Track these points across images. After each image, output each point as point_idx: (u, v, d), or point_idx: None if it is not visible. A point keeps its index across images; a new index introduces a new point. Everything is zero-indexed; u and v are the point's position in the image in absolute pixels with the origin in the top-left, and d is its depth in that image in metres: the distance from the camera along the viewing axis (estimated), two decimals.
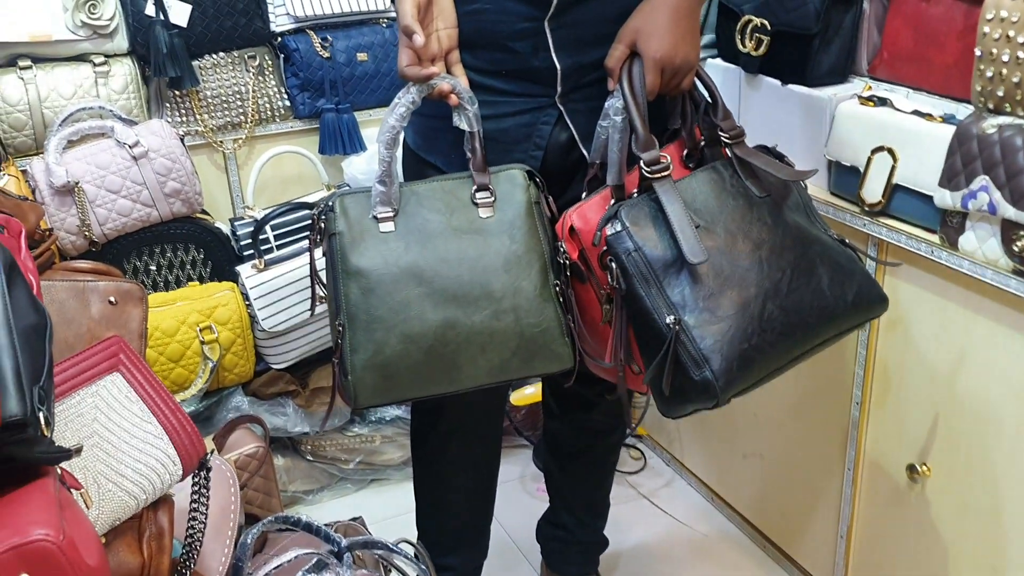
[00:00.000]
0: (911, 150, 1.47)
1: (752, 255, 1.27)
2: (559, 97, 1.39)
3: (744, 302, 1.25)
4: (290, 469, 2.23)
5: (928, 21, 1.52)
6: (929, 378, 1.55)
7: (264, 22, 2.13)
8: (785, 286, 1.28)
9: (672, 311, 1.23)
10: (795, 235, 1.32)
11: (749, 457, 2.04)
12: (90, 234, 1.93)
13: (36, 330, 1.01)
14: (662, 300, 1.24)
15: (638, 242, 1.25)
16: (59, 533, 0.83)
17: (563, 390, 1.74)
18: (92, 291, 1.53)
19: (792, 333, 1.29)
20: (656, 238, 1.25)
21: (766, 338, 1.26)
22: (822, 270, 1.31)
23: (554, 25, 1.34)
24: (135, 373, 1.26)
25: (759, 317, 1.26)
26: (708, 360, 1.22)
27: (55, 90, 2.00)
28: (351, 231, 1.31)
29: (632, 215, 1.27)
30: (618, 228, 1.26)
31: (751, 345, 1.25)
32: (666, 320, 1.23)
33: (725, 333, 1.23)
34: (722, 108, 1.36)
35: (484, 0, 1.34)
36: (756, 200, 1.32)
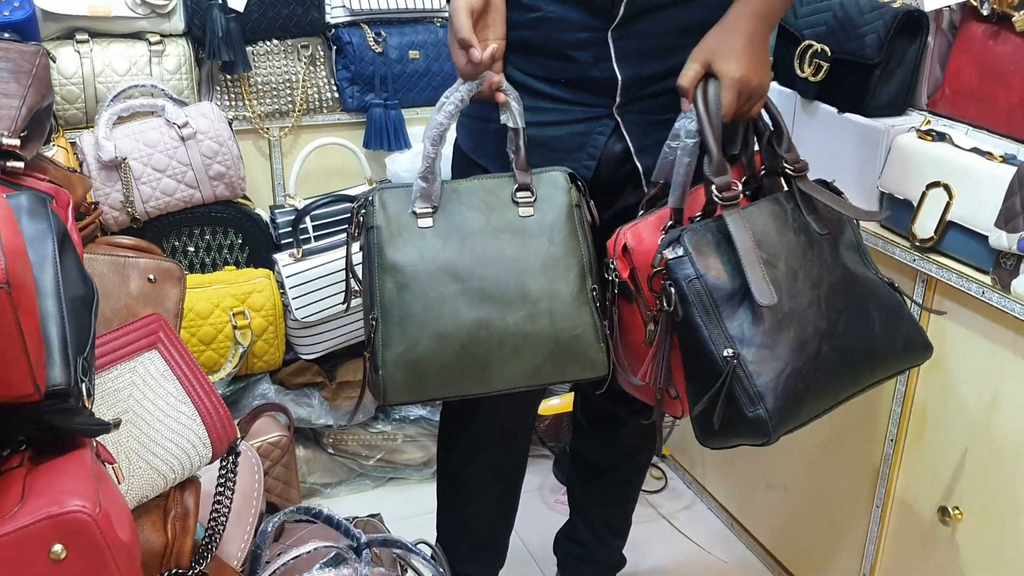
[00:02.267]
0: (968, 188, 1.44)
1: (811, 293, 1.25)
2: (617, 108, 1.38)
3: (801, 342, 1.23)
4: (310, 461, 2.22)
5: (995, 59, 1.50)
6: (968, 420, 1.52)
7: (320, 13, 2.13)
8: (840, 327, 1.26)
9: (730, 344, 1.20)
10: (850, 275, 1.30)
11: (773, 487, 2.02)
12: (133, 211, 1.94)
13: (83, 301, 1.01)
14: (720, 332, 1.21)
15: (700, 270, 1.22)
16: (96, 506, 0.83)
17: (594, 407, 1.72)
18: (132, 267, 1.53)
19: (843, 375, 1.27)
20: (719, 267, 1.23)
21: (819, 378, 1.24)
22: (874, 313, 1.29)
23: (617, 36, 1.33)
24: (173, 352, 1.26)
25: (814, 357, 1.23)
26: (763, 397, 1.19)
27: (109, 65, 2.01)
28: (389, 226, 1.31)
29: (696, 240, 1.24)
30: (680, 253, 1.24)
31: (805, 386, 1.22)
32: (724, 353, 1.20)
33: (781, 372, 1.20)
34: (787, 139, 1.34)
35: (548, 8, 1.33)
36: (816, 237, 1.30)
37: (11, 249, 0.83)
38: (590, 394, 1.72)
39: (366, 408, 2.21)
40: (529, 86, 1.37)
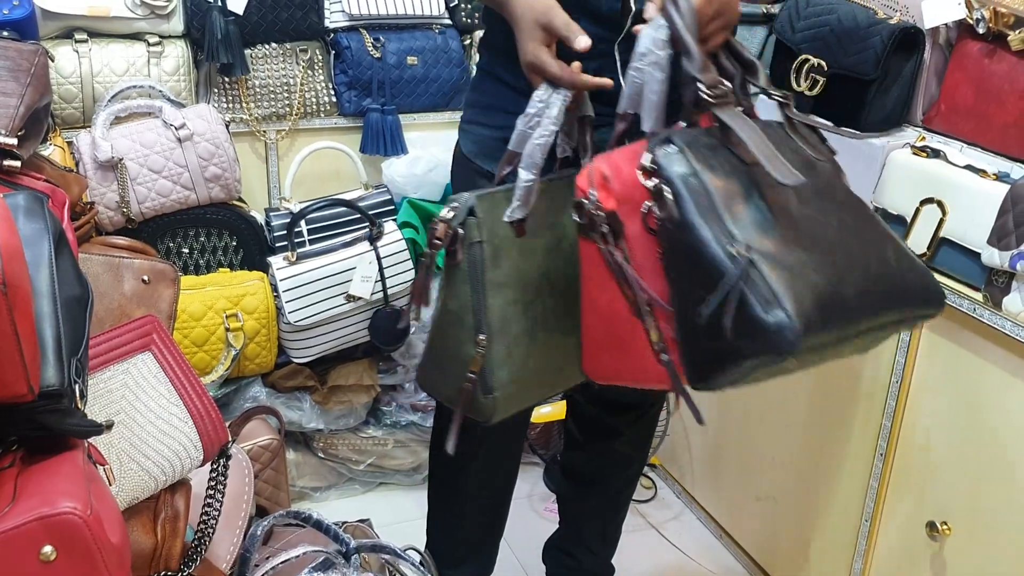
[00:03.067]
0: (961, 205, 1.45)
1: (822, 205, 1.09)
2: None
3: (815, 245, 1.06)
4: (300, 464, 2.22)
5: (990, 77, 1.51)
6: (959, 436, 1.53)
7: (319, 17, 2.14)
8: (857, 247, 1.09)
9: (738, 242, 1.01)
10: (858, 203, 1.16)
11: (762, 499, 2.02)
12: (128, 211, 1.94)
13: (79, 302, 1.01)
14: (722, 230, 1.03)
15: (695, 167, 1.06)
16: (87, 507, 0.83)
17: (587, 417, 1.72)
18: (127, 268, 1.53)
19: (864, 294, 1.08)
20: (716, 168, 1.07)
21: (843, 287, 1.05)
22: (889, 245, 1.14)
23: (623, 48, 1.33)
24: (166, 354, 1.26)
25: (832, 264, 1.05)
26: (779, 298, 0.98)
27: (108, 65, 2.01)
28: (492, 239, 1.21)
29: (688, 140, 1.08)
30: (671, 150, 1.07)
31: (830, 286, 1.03)
32: (730, 249, 1.01)
33: (802, 267, 1.01)
34: (762, 71, 1.23)
35: None
36: (814, 161, 1.16)
37: (8, 249, 0.83)
38: (583, 404, 1.73)
39: (355, 412, 2.21)
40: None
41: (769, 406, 1.95)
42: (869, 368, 1.68)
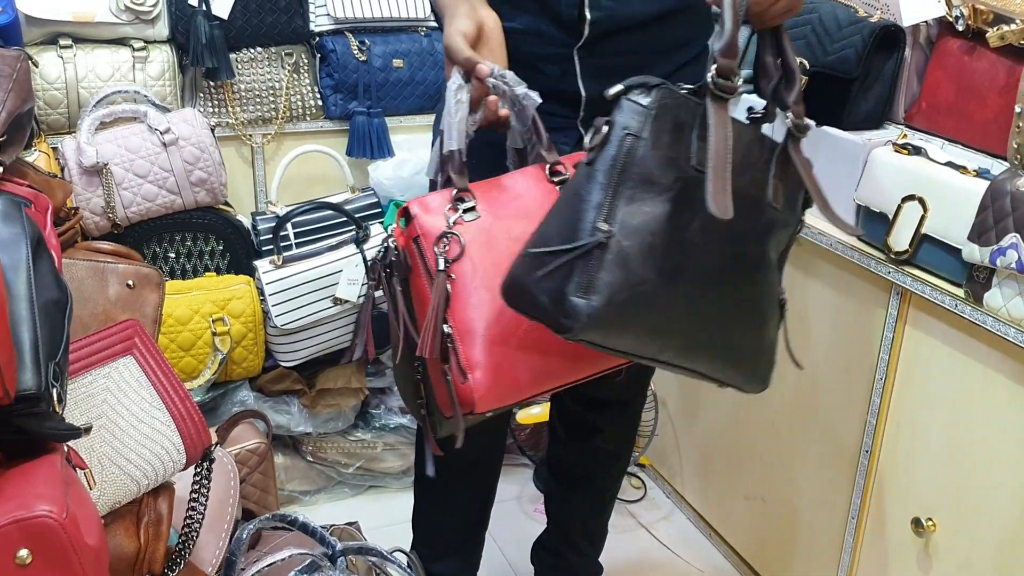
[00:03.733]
0: (943, 202, 1.46)
1: (723, 243, 1.11)
2: (581, 121, 1.39)
3: (675, 274, 1.08)
4: (289, 468, 2.22)
5: (970, 74, 1.51)
6: (942, 432, 1.53)
7: (304, 21, 2.14)
8: (715, 288, 1.13)
9: (612, 221, 1.04)
10: (763, 258, 1.19)
11: (751, 498, 2.03)
12: (114, 216, 1.94)
13: (57, 306, 1.01)
14: (610, 203, 1.05)
15: (644, 131, 1.06)
16: (63, 511, 0.82)
17: (570, 415, 1.73)
18: (111, 272, 1.53)
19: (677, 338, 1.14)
20: (664, 145, 1.06)
21: (657, 321, 1.10)
22: (749, 309, 1.19)
23: (583, 53, 1.34)
24: (148, 358, 1.26)
25: (669, 299, 1.09)
26: (596, 291, 1.03)
27: (93, 71, 2.01)
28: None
29: (667, 102, 1.07)
30: (641, 102, 1.07)
31: (640, 314, 1.08)
32: (597, 223, 1.04)
33: (637, 284, 1.05)
34: (797, 89, 1.20)
35: (519, 20, 1.35)
36: (766, 204, 1.16)
37: None
38: (565, 401, 1.73)
39: (344, 415, 2.21)
40: None
41: (756, 405, 1.95)
42: (854, 365, 1.68)
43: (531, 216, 1.20)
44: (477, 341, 1.20)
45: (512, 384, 1.22)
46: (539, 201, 1.23)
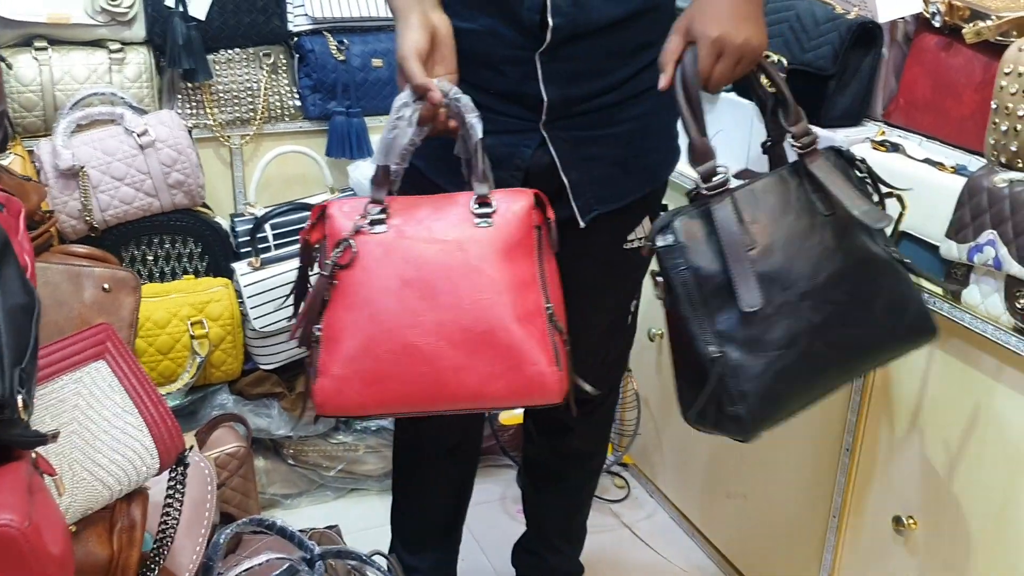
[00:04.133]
0: (921, 199, 1.46)
1: (808, 283, 1.21)
2: (543, 124, 1.37)
3: (792, 336, 1.20)
4: (270, 471, 2.21)
5: (947, 71, 1.51)
6: (922, 430, 1.53)
7: (282, 21, 2.13)
8: (837, 320, 1.22)
9: (716, 341, 1.19)
10: (856, 259, 1.25)
11: (733, 496, 2.02)
12: (91, 219, 1.92)
13: (24, 311, 1.00)
14: (708, 326, 1.20)
15: (690, 260, 1.20)
16: (24, 519, 0.81)
17: (542, 413, 1.72)
18: (87, 276, 1.52)
19: (834, 369, 1.25)
20: (711, 256, 1.20)
21: (807, 375, 1.22)
22: (879, 301, 1.25)
23: (545, 58, 1.32)
24: (121, 362, 1.24)
25: (804, 355, 1.21)
26: (745, 397, 1.19)
27: (69, 73, 1.99)
28: None
29: (687, 226, 1.20)
30: (670, 241, 1.20)
31: (789, 384, 1.21)
32: (710, 352, 1.19)
33: (766, 371, 1.19)
34: (793, 110, 1.28)
35: (480, 22, 1.33)
36: (820, 219, 1.24)
37: None
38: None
39: (326, 419, 2.20)
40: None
41: None
42: None
43: (436, 243, 1.25)
44: (338, 351, 1.26)
45: (355, 400, 1.27)
46: (451, 231, 1.26)
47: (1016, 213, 1.30)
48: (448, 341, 1.24)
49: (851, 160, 1.30)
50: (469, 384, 1.25)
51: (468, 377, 1.24)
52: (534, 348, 1.25)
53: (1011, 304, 1.32)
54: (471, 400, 1.27)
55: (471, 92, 1.32)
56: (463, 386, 1.25)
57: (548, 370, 1.25)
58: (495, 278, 1.25)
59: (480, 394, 1.26)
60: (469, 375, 1.24)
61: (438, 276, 1.24)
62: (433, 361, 1.24)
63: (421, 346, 1.24)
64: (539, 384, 1.26)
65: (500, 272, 1.25)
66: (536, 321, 1.25)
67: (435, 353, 1.24)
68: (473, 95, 1.32)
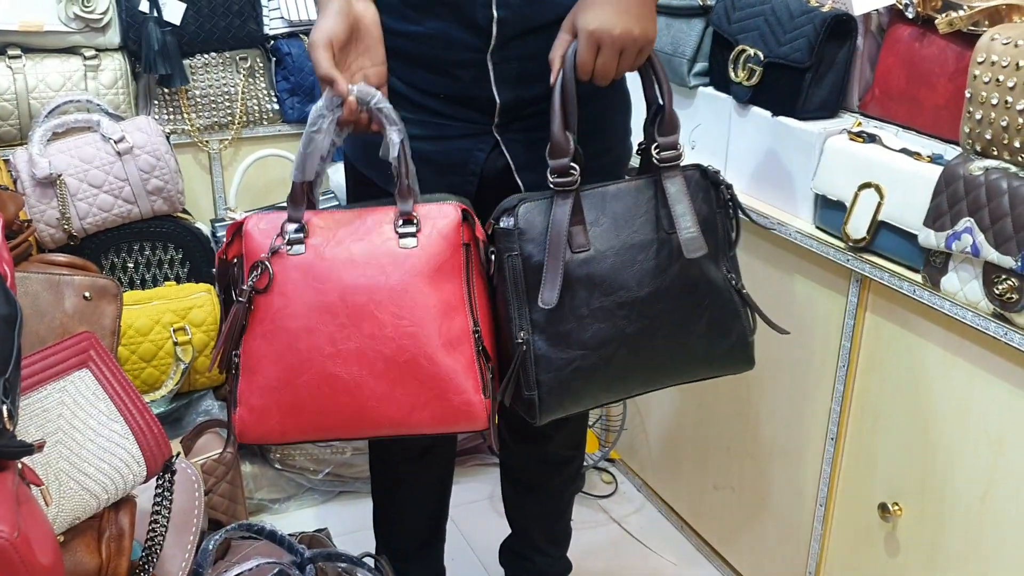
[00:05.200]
0: (898, 188, 1.47)
1: (629, 294, 1.26)
2: (496, 127, 1.37)
3: (600, 341, 1.26)
4: (257, 476, 2.20)
5: (921, 61, 1.53)
6: (905, 417, 1.55)
7: (258, 24, 2.12)
8: (650, 335, 1.28)
9: (527, 328, 1.25)
10: (685, 282, 1.29)
11: (720, 489, 2.03)
12: (69, 227, 1.91)
13: (5, 321, 0.99)
14: (523, 313, 1.25)
15: (524, 247, 1.24)
16: (13, 530, 0.81)
17: (518, 423, 1.71)
18: (67, 285, 1.51)
19: (636, 378, 1.32)
20: (542, 248, 1.24)
21: (606, 378, 1.28)
22: (698, 324, 1.31)
23: (497, 59, 1.32)
24: (104, 370, 1.24)
25: (607, 359, 1.27)
26: (540, 385, 1.25)
27: (43, 81, 1.98)
28: None
29: (529, 215, 1.24)
30: (509, 224, 1.24)
31: (586, 383, 1.27)
32: (517, 337, 1.24)
33: (566, 366, 1.25)
34: (668, 119, 1.29)
35: (430, 25, 1.31)
36: (661, 235, 1.29)
37: None
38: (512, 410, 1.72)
39: None
40: (411, 98, 1.34)
41: (722, 396, 1.96)
42: (816, 353, 1.69)
43: (358, 265, 1.20)
44: (255, 381, 1.22)
45: (275, 430, 1.24)
46: (373, 252, 1.21)
47: (992, 200, 1.31)
48: (370, 371, 1.20)
49: (716, 183, 1.33)
50: (392, 414, 1.22)
51: (391, 408, 1.21)
52: (459, 376, 1.22)
53: (989, 290, 1.34)
54: (394, 428, 1.24)
55: (424, 98, 1.31)
56: (386, 416, 1.22)
57: (475, 398, 1.22)
58: (420, 303, 1.20)
59: (404, 423, 1.23)
60: (392, 405, 1.21)
61: (359, 301, 1.19)
62: (354, 392, 1.21)
63: (342, 376, 1.20)
64: (465, 413, 1.23)
65: (425, 296, 1.21)
66: (462, 347, 1.22)
67: (356, 383, 1.20)
68: (423, 101, 1.30)
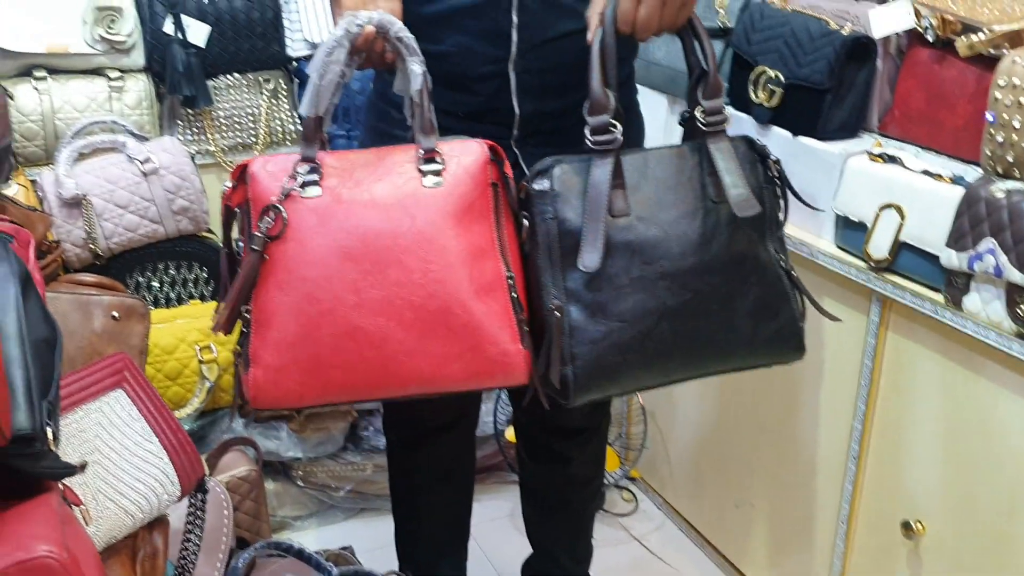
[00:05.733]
0: (919, 209, 1.48)
1: (672, 263, 1.18)
2: (515, 140, 1.38)
3: (639, 313, 1.17)
4: (280, 494, 2.21)
5: (941, 83, 1.54)
6: (928, 436, 1.55)
7: (281, 46, 2.14)
8: (692, 309, 1.19)
9: (560, 296, 1.16)
10: (732, 255, 1.22)
11: (741, 506, 2.04)
12: (95, 247, 1.93)
13: (47, 343, 1.01)
14: (557, 280, 1.16)
15: (560, 209, 1.16)
16: (63, 550, 0.83)
17: (538, 444, 1.72)
18: (96, 305, 1.53)
19: (678, 358, 1.22)
20: (580, 211, 1.17)
21: (645, 356, 1.19)
22: (744, 302, 1.22)
23: (519, 69, 1.33)
24: (138, 391, 1.26)
25: (646, 334, 1.17)
26: (575, 359, 1.15)
27: (69, 102, 2.01)
28: None
29: (566, 176, 1.17)
30: (544, 186, 1.17)
31: (624, 359, 1.17)
32: (550, 303, 1.15)
33: (603, 339, 1.16)
34: (712, 82, 1.24)
35: (450, 43, 1.32)
36: (708, 204, 1.21)
37: None
38: (531, 431, 1.72)
39: (333, 438, 2.21)
40: None
41: (743, 413, 1.97)
42: (838, 372, 1.70)
43: (379, 207, 1.11)
44: (271, 337, 1.12)
45: (294, 392, 1.13)
46: (395, 192, 1.13)
47: (1014, 221, 1.32)
48: (398, 321, 1.10)
49: (764, 155, 1.27)
50: (422, 368, 1.12)
51: (421, 361, 1.11)
52: (495, 325, 1.12)
53: (1012, 311, 1.35)
54: (424, 385, 1.14)
55: (442, 117, 1.24)
56: (415, 370, 1.12)
57: (512, 348, 1.14)
58: (448, 247, 1.11)
59: (434, 378, 1.13)
60: (422, 358, 1.11)
61: (383, 247, 1.10)
62: (380, 345, 1.10)
63: (367, 328, 1.10)
64: (502, 365, 1.14)
65: (454, 239, 1.12)
66: (496, 294, 1.13)
67: (383, 335, 1.10)
68: (441, 120, 1.25)
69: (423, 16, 1.31)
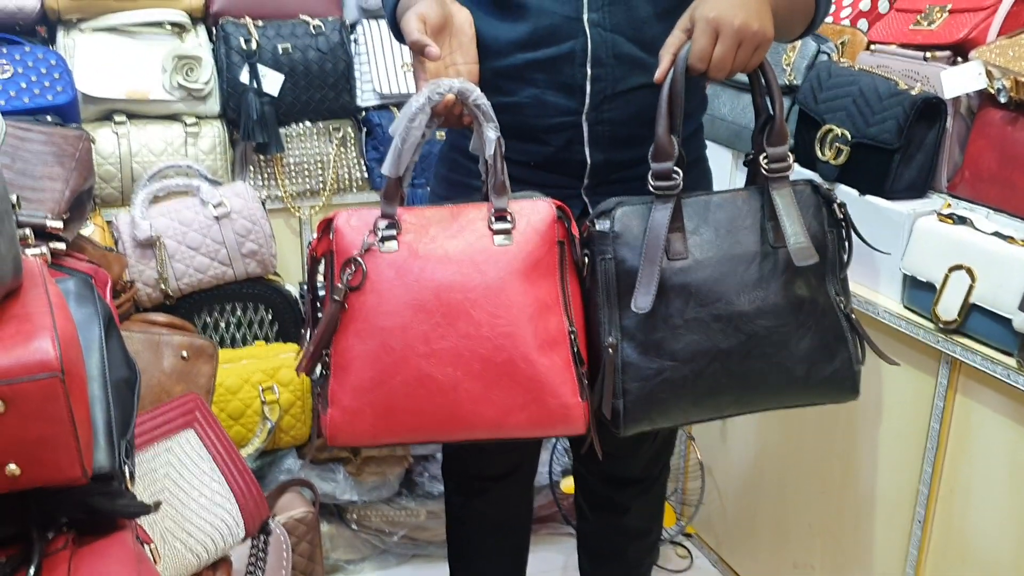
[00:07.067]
0: (991, 271, 1.46)
1: (728, 306, 1.21)
2: (585, 189, 1.39)
3: (692, 354, 1.20)
4: (334, 536, 2.22)
5: (1013, 144, 1.53)
6: (997, 501, 1.52)
7: (351, 96, 2.20)
8: (745, 351, 1.22)
9: (615, 334, 1.20)
10: (789, 300, 1.23)
11: (800, 567, 2.00)
12: (166, 287, 1.98)
13: (127, 383, 1.04)
14: (613, 318, 1.21)
15: (619, 251, 1.21)
16: None
17: (596, 494, 1.71)
18: (166, 345, 1.56)
19: (728, 397, 1.24)
20: (638, 252, 1.20)
21: (696, 394, 1.22)
22: (799, 345, 1.24)
23: (592, 120, 1.35)
24: (208, 431, 1.28)
25: (698, 373, 1.21)
26: (627, 394, 1.20)
27: (146, 146, 2.07)
28: None
29: (627, 219, 1.21)
30: (605, 227, 1.21)
31: (676, 395, 1.21)
32: (607, 341, 1.20)
33: (655, 376, 1.20)
34: (778, 128, 1.25)
35: (523, 94, 1.34)
36: (767, 248, 1.23)
37: (65, 337, 0.86)
38: (587, 478, 1.72)
39: (388, 483, 2.21)
40: None
41: (804, 472, 1.94)
42: (904, 434, 1.67)
43: (452, 262, 1.17)
44: (348, 381, 1.18)
45: (367, 432, 1.20)
46: (467, 249, 1.18)
47: None
48: (466, 371, 1.17)
49: (829, 200, 1.28)
50: (488, 415, 1.18)
51: (487, 408, 1.18)
52: (556, 378, 1.18)
53: None
54: (489, 430, 1.20)
55: (509, 167, 1.26)
56: (481, 417, 1.18)
57: (572, 401, 1.19)
58: (516, 302, 1.17)
59: (499, 425, 1.19)
60: (488, 406, 1.18)
61: (454, 300, 1.16)
62: (449, 392, 1.17)
63: (437, 376, 1.17)
64: (562, 416, 1.20)
65: (521, 295, 1.17)
66: (559, 349, 1.19)
67: (452, 384, 1.17)
68: (511, 171, 1.27)
69: (496, 70, 1.34)
